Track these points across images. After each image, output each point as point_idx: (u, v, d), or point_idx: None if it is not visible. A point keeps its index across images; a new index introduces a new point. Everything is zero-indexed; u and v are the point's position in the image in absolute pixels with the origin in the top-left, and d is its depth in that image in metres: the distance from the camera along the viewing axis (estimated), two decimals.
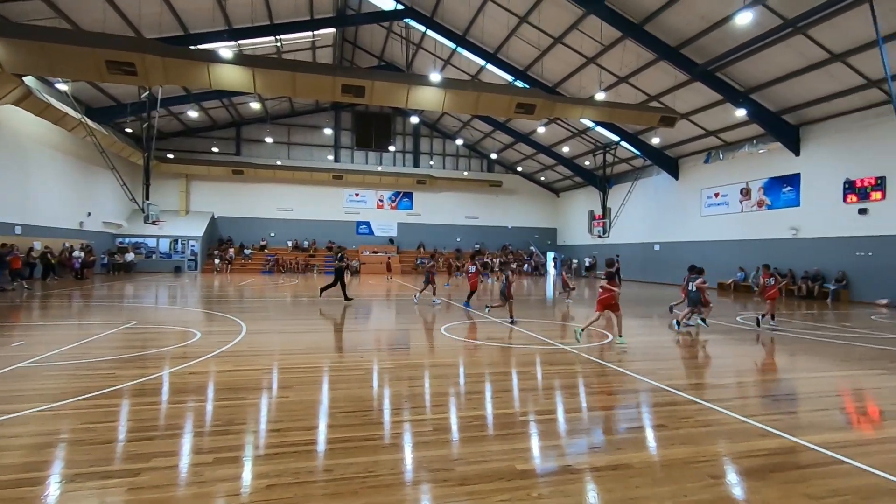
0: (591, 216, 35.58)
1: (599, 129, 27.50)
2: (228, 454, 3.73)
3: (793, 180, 20.75)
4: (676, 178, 27.41)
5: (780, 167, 21.20)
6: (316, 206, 36.55)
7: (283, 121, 35.81)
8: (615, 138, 27.55)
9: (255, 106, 30.14)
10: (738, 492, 3.34)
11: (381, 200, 38.15)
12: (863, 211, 17.88)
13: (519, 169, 39.35)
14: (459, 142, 37.64)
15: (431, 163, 39.07)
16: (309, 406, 4.98)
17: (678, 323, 10.64)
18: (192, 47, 18.98)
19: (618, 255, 25.54)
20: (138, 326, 9.85)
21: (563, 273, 18.40)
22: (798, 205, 20.52)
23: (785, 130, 20.25)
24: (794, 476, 3.54)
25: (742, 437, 4.32)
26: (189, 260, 31.98)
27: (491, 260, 34.89)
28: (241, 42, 22.76)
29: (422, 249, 37.80)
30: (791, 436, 4.33)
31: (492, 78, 26.00)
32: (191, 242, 32.09)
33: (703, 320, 10.68)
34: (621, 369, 6.87)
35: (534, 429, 4.48)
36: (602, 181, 32.51)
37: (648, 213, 29.81)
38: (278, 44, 24.23)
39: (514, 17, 20.99)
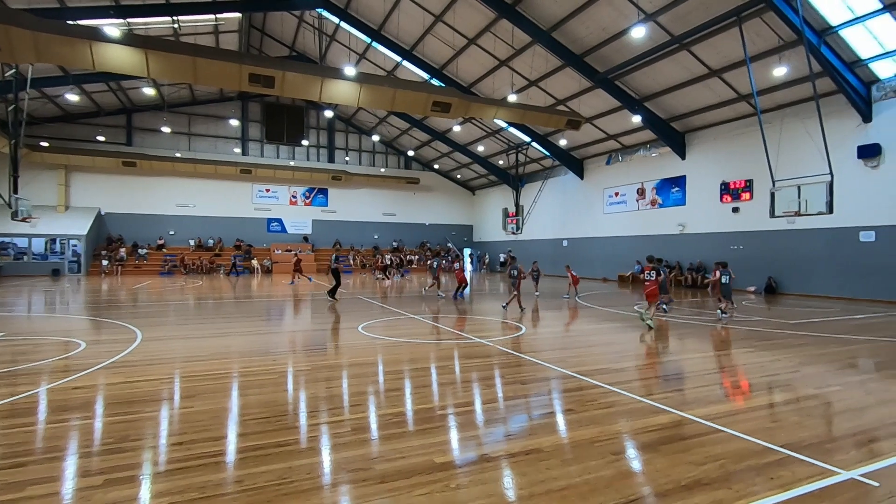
0: (505, 213, 36.94)
1: (512, 129, 28.56)
2: (122, 474, 3.39)
3: (680, 182, 23.06)
4: (582, 178, 29.27)
5: (670, 170, 23.46)
6: (222, 201, 34.19)
7: (183, 109, 32.99)
8: (527, 139, 28.80)
9: (150, 92, 27.50)
10: (635, 465, 3.67)
11: (295, 197, 36.62)
12: (735, 209, 20.34)
13: (436, 166, 39.75)
14: (376, 138, 37.16)
15: (347, 158, 38.20)
16: (216, 415, 4.67)
17: (722, 312, 11.91)
18: (70, 22, 16.84)
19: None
20: (6, 339, 8.61)
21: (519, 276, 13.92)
22: (685, 204, 22.85)
23: (673, 136, 22.45)
24: (680, 447, 3.95)
25: (638, 415, 4.74)
26: (70, 262, 28.46)
27: (401, 258, 34.98)
28: (130, 20, 20.61)
29: (338, 247, 36.89)
30: (678, 411, 4.83)
31: (408, 75, 25.98)
32: (72, 242, 28.55)
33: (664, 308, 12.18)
34: (534, 359, 7.23)
35: (452, 422, 4.57)
36: (515, 180, 33.88)
37: (557, 211, 31.53)
38: (175, 25, 22.27)
39: (429, 16, 21.13)
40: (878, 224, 15.81)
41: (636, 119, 21.55)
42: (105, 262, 28.51)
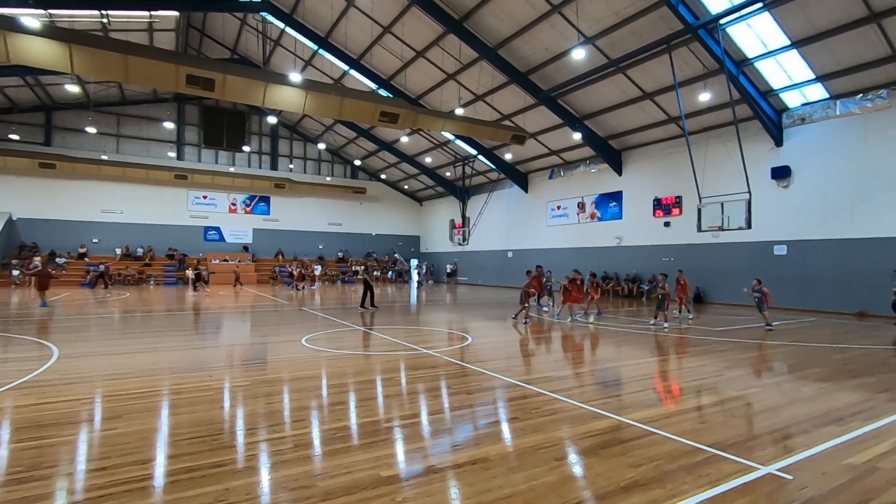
0: (452, 225, 37.27)
1: (459, 142, 28.98)
2: None
3: (617, 197, 24.27)
4: (526, 191, 30.12)
5: (608, 185, 24.65)
6: (154, 208, 32.16)
7: (111, 109, 30.86)
8: (473, 152, 29.31)
9: (73, 89, 25.53)
10: (577, 470, 3.78)
11: (234, 204, 35.11)
12: (667, 224, 21.65)
13: (383, 176, 39.54)
14: (322, 146, 36.42)
15: (291, 166, 37.18)
16: (143, 437, 4.35)
17: (769, 325, 12.05)
18: None
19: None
20: None
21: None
22: (621, 217, 24.06)
23: (611, 154, 23.65)
24: (618, 450, 4.12)
25: (580, 421, 4.90)
26: None
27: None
28: (52, 12, 19.13)
29: (280, 257, 35.70)
30: (617, 415, 5.04)
31: (355, 84, 25.78)
32: None
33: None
34: (480, 369, 7.30)
35: (398, 434, 4.52)
36: (462, 192, 34.36)
37: (503, 223, 32.21)
38: (104, 20, 20.91)
39: (377, 27, 21.13)
40: (790, 239, 17.36)
41: (577, 136, 22.53)
42: (15, 273, 25.98)
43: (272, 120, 30.98)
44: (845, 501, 3.26)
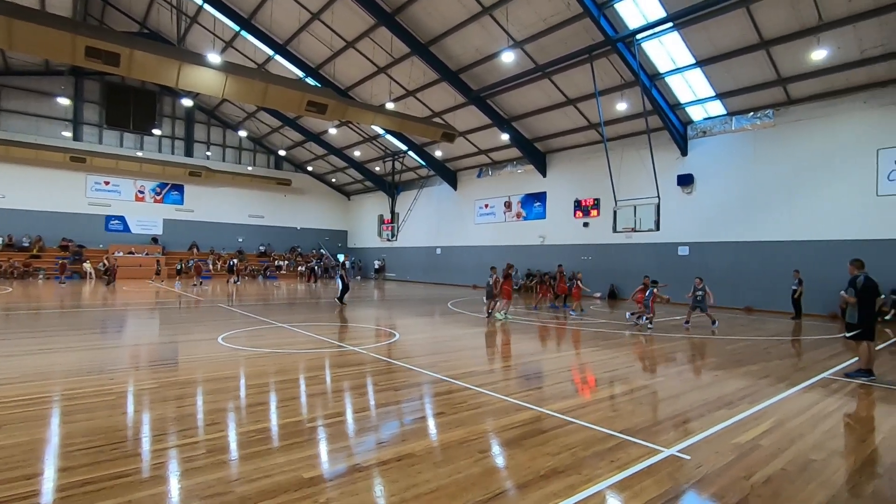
0: (381, 220, 36.91)
1: (389, 137, 28.71)
2: None
3: (541, 197, 25.29)
4: (455, 188, 30.51)
5: (533, 185, 25.61)
6: (44, 193, 28.70)
7: None
8: (403, 147, 29.17)
9: None
10: (500, 461, 3.90)
11: (142, 192, 32.28)
12: (586, 224, 22.92)
13: (309, 169, 38.24)
14: (243, 133, 34.38)
15: (208, 153, 34.82)
16: (31, 449, 3.88)
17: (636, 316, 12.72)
18: None
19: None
20: None
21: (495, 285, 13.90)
22: (545, 217, 25.10)
23: (536, 155, 24.58)
24: (539, 440, 4.30)
25: (503, 413, 5.05)
26: None
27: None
28: None
29: (195, 250, 33.37)
30: (538, 407, 5.26)
31: (281, 70, 24.64)
32: None
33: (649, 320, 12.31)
34: (407, 365, 7.30)
35: (322, 434, 4.40)
36: (391, 187, 34.10)
37: (432, 220, 32.40)
38: None
39: (306, 12, 20.34)
40: (691, 240, 19.07)
41: (504, 137, 23.17)
42: None
43: (187, 103, 28.83)
44: (733, 476, 3.64)
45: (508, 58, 17.42)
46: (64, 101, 28.17)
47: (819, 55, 13.78)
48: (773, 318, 15.23)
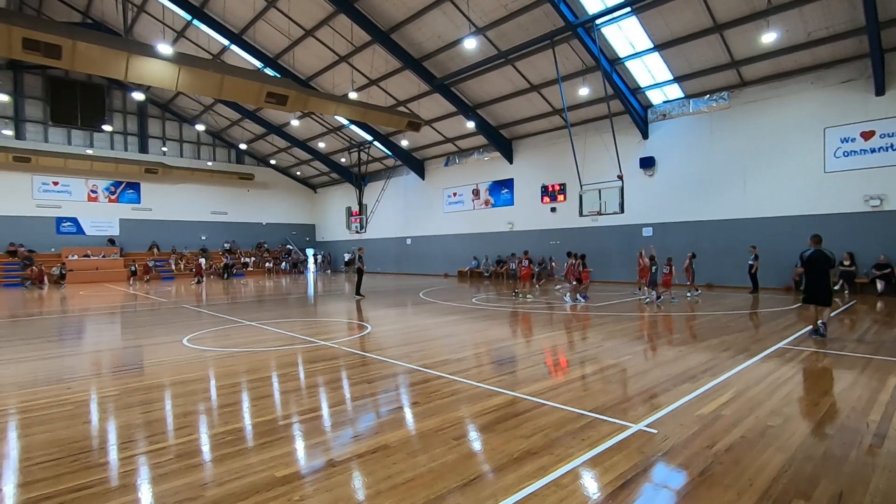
0: (349, 212, 36.44)
1: (354, 127, 28.23)
2: None
3: (508, 184, 25.45)
4: (423, 178, 30.36)
5: (500, 173, 25.73)
6: None
7: None
8: (369, 138, 28.77)
9: None
10: (476, 446, 3.95)
11: (95, 191, 30.79)
12: (553, 209, 23.24)
13: (273, 162, 37.30)
14: (201, 127, 33.09)
15: (165, 149, 33.46)
16: None
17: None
18: None
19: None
20: None
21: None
22: (513, 204, 25.30)
23: (502, 142, 24.67)
24: (512, 423, 4.37)
25: (477, 399, 5.11)
26: None
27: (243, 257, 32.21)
28: None
29: (156, 251, 32.20)
30: (511, 391, 5.34)
31: (237, 61, 23.81)
32: None
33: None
34: (380, 357, 7.27)
35: (296, 431, 4.35)
36: (358, 178, 33.66)
37: (401, 210, 32.19)
38: None
39: (260, 0, 19.67)
40: (654, 221, 19.61)
41: (470, 125, 23.13)
42: None
43: (139, 97, 27.49)
44: (698, 446, 3.80)
45: (471, 45, 17.34)
46: (2, 97, 26.43)
47: (769, 38, 14.26)
48: (733, 292, 15.88)
